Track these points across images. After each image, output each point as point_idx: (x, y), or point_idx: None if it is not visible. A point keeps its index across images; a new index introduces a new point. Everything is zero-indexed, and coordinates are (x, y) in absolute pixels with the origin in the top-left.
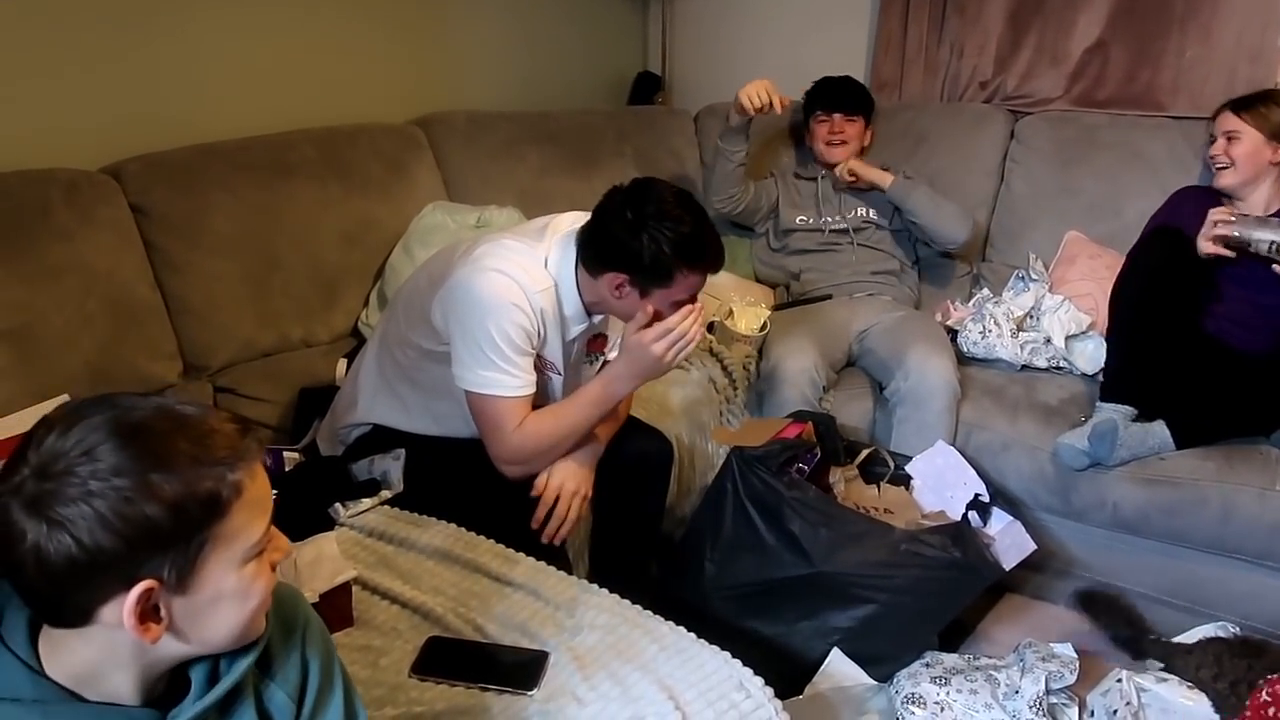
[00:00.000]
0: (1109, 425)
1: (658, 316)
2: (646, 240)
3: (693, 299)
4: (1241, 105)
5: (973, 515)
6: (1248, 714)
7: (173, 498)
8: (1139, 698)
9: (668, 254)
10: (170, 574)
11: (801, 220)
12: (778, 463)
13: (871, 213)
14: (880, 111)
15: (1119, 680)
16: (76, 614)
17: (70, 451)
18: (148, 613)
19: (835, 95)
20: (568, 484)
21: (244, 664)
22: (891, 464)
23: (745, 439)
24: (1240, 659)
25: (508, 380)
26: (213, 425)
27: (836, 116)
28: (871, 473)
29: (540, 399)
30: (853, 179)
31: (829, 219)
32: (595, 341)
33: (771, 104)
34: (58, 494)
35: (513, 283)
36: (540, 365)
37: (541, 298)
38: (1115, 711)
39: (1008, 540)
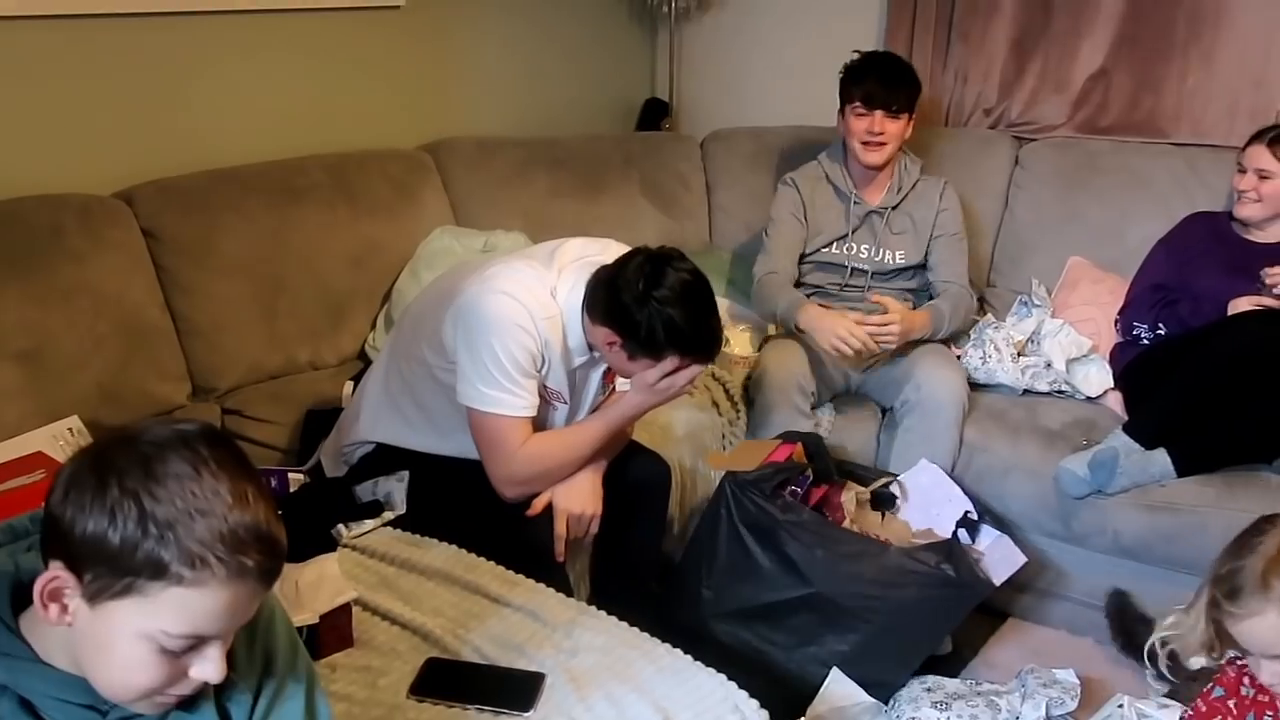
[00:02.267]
0: (1110, 454)
1: None
2: (646, 316)
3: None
4: (1278, 141)
5: (962, 533)
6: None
7: (130, 536)
8: None
9: (660, 337)
10: (91, 584)
11: (825, 250)
12: (771, 486)
13: (900, 257)
14: None
15: (1120, 705)
16: (44, 552)
17: (156, 442)
18: (55, 594)
19: (879, 89)
20: (573, 508)
21: None
22: (897, 495)
23: (738, 463)
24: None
25: (511, 400)
26: (233, 529)
27: (878, 114)
28: (880, 501)
29: (542, 428)
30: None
31: (855, 249)
32: (611, 372)
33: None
34: (95, 469)
35: (520, 306)
36: (544, 394)
37: (546, 325)
38: None
39: (997, 554)
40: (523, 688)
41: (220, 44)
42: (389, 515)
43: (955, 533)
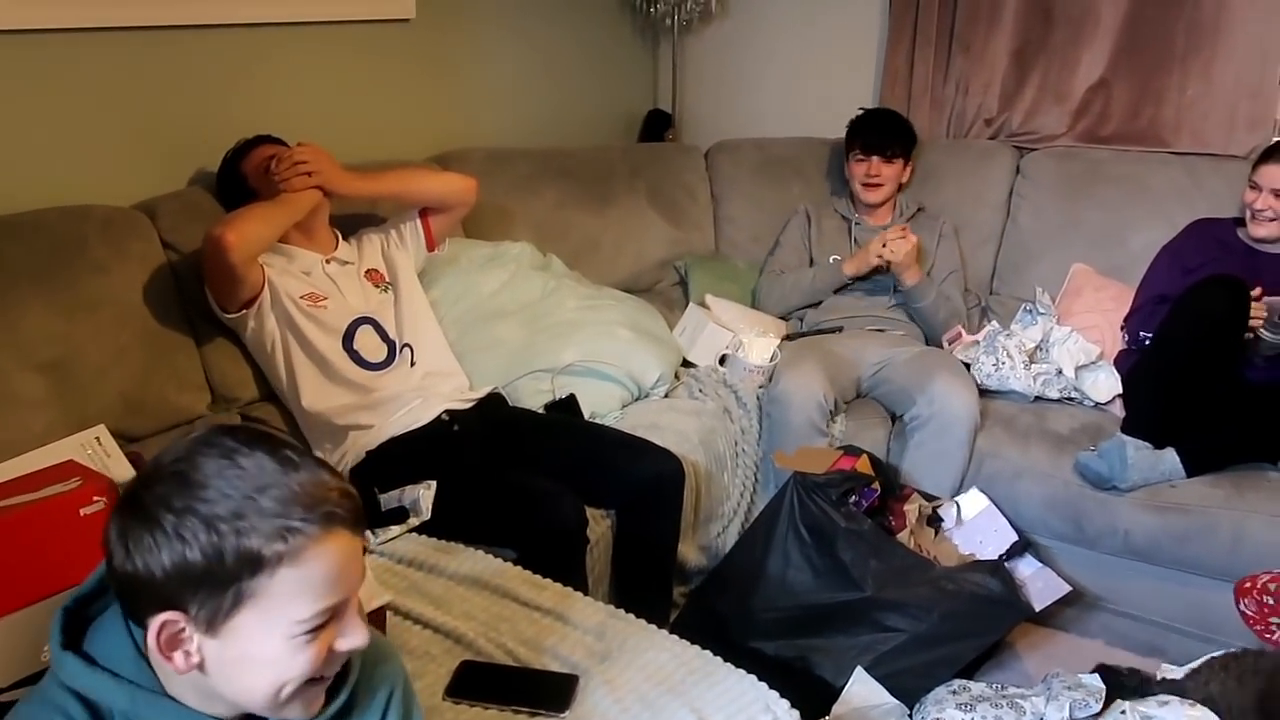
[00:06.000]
0: (1117, 442)
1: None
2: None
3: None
4: None
5: (1006, 560)
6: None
7: (210, 545)
8: None
9: None
10: (199, 613)
11: (834, 260)
12: (838, 493)
13: None
14: None
15: (1122, 712)
16: (136, 618)
17: (179, 457)
18: (173, 640)
19: (875, 137)
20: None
21: None
22: (949, 520)
23: (803, 465)
24: (1246, 657)
25: None
26: (301, 488)
27: (875, 159)
28: (931, 519)
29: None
30: (884, 262)
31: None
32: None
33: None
34: (139, 512)
35: None
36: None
37: None
38: None
39: (1039, 583)
40: (557, 689)
41: (234, 58)
42: (414, 521)
43: (1001, 556)
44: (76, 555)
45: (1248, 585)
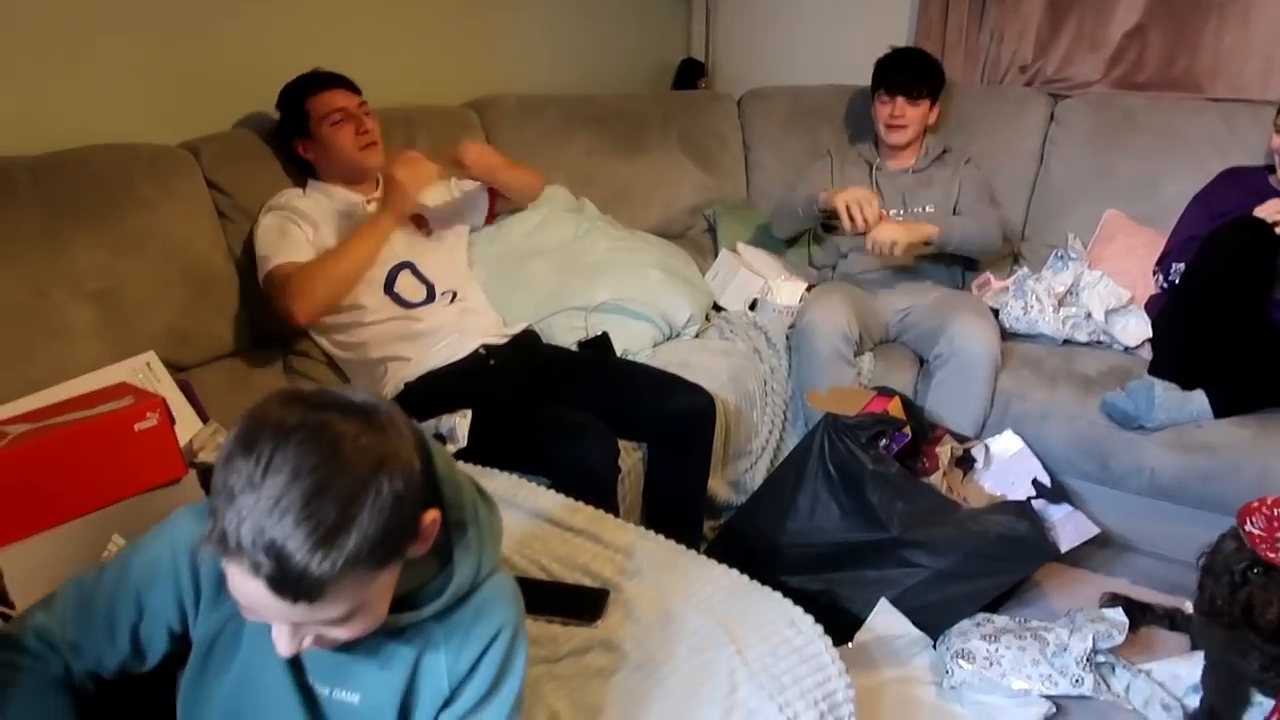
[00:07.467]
0: (1145, 383)
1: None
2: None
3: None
4: None
5: (1038, 502)
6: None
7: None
8: None
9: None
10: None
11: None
12: (868, 435)
13: (930, 208)
14: None
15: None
16: None
17: (273, 419)
18: None
19: (899, 77)
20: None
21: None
22: (979, 460)
23: (835, 406)
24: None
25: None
26: (251, 535)
27: (899, 99)
28: (961, 461)
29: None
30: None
31: (886, 212)
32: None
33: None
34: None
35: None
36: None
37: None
38: None
39: (1069, 526)
40: (589, 601)
41: (277, 2)
42: (451, 449)
43: (1031, 498)
44: (131, 469)
45: (1255, 505)
